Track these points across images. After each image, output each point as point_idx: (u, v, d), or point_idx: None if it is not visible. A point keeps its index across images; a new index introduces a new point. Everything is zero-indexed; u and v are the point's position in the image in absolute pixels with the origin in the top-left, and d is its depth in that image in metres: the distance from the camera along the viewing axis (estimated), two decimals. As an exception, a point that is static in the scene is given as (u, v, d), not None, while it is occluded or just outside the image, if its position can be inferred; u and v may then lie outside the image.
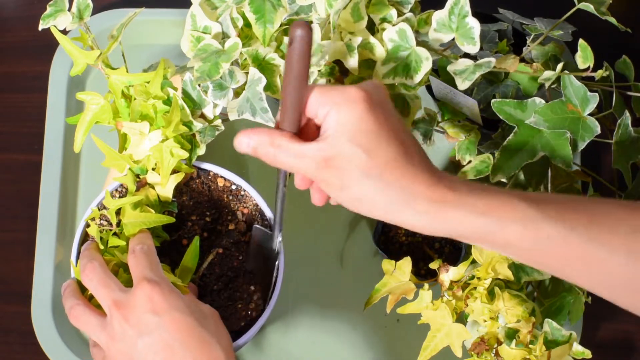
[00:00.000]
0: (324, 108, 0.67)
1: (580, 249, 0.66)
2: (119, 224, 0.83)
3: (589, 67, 0.84)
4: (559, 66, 0.83)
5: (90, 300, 0.79)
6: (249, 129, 0.69)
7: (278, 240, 0.84)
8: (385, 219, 0.68)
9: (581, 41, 0.84)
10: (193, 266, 0.84)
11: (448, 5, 0.82)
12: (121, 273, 0.80)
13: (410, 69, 0.83)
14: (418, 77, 0.82)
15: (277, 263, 0.84)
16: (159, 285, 0.74)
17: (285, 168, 0.70)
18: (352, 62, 0.84)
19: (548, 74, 0.83)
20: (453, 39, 0.84)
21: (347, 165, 0.66)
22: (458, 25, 0.82)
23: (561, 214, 0.66)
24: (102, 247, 0.82)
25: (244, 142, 0.69)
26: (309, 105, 0.68)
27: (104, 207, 0.85)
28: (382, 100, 0.68)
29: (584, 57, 0.84)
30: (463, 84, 0.82)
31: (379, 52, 0.83)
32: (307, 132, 0.70)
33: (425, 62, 0.82)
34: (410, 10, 0.86)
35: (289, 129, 0.69)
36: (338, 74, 0.86)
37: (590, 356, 0.85)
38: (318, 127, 0.69)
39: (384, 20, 0.85)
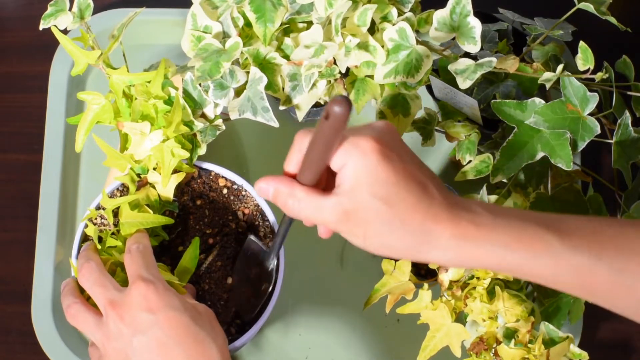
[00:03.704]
0: (339, 158, 0.67)
1: (607, 278, 0.67)
2: (117, 224, 0.83)
3: (589, 69, 0.84)
4: (559, 67, 0.83)
5: (88, 299, 0.79)
6: (269, 177, 0.70)
7: (274, 262, 0.83)
8: (413, 260, 0.68)
9: (582, 43, 0.84)
10: (192, 266, 0.84)
11: (450, 4, 0.82)
12: (118, 272, 0.80)
13: (411, 68, 0.83)
14: (419, 76, 0.83)
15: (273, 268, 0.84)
16: (154, 284, 0.74)
17: (306, 219, 0.70)
18: (349, 63, 0.84)
19: (548, 75, 0.84)
20: (453, 39, 0.84)
21: (368, 217, 0.66)
22: (459, 25, 0.82)
23: (587, 243, 0.67)
24: (99, 246, 0.82)
25: (263, 189, 0.70)
26: None
27: (104, 207, 0.86)
28: (395, 145, 0.68)
29: (584, 59, 0.84)
30: (464, 83, 0.82)
31: (379, 54, 0.83)
32: (321, 178, 0.70)
33: (425, 60, 0.83)
34: (411, 10, 0.87)
35: (308, 182, 0.68)
36: (339, 75, 0.86)
37: (587, 358, 0.85)
38: (333, 173, 0.69)
39: (384, 19, 0.85)
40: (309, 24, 0.86)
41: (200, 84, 0.85)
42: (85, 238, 0.86)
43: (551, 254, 0.66)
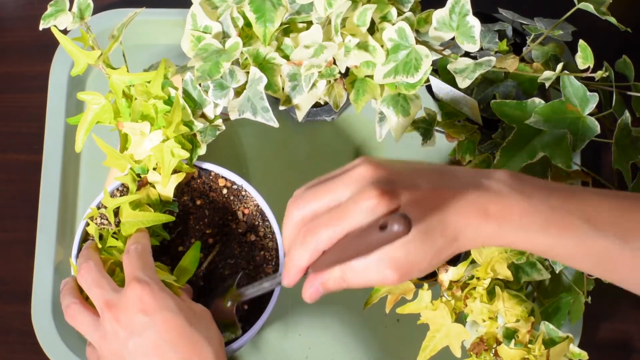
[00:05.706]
0: None
1: (631, 261, 0.69)
2: (118, 223, 0.83)
3: (588, 67, 0.84)
4: (559, 66, 0.84)
5: (87, 299, 0.79)
6: (306, 281, 0.70)
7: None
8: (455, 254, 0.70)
9: (581, 41, 0.84)
10: (192, 269, 0.84)
11: (449, 3, 0.83)
12: (118, 272, 0.80)
13: (410, 68, 0.83)
14: (419, 75, 0.83)
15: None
16: (149, 285, 0.74)
17: (361, 286, 0.69)
18: (349, 63, 0.84)
19: (548, 74, 0.84)
20: (453, 39, 0.84)
21: (418, 256, 0.67)
22: (458, 24, 0.83)
23: (614, 226, 0.69)
24: (100, 245, 0.82)
25: (313, 293, 0.70)
26: None
27: (104, 207, 0.86)
28: (391, 180, 0.67)
29: (584, 57, 0.84)
30: (463, 82, 0.83)
31: (379, 54, 0.83)
32: None
33: (425, 60, 0.83)
34: (410, 10, 0.87)
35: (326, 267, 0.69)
36: (339, 75, 0.86)
37: (587, 358, 0.85)
38: None
39: (384, 19, 0.85)
40: (309, 24, 0.86)
41: (200, 84, 0.85)
42: (85, 237, 0.86)
43: (580, 238, 0.69)
